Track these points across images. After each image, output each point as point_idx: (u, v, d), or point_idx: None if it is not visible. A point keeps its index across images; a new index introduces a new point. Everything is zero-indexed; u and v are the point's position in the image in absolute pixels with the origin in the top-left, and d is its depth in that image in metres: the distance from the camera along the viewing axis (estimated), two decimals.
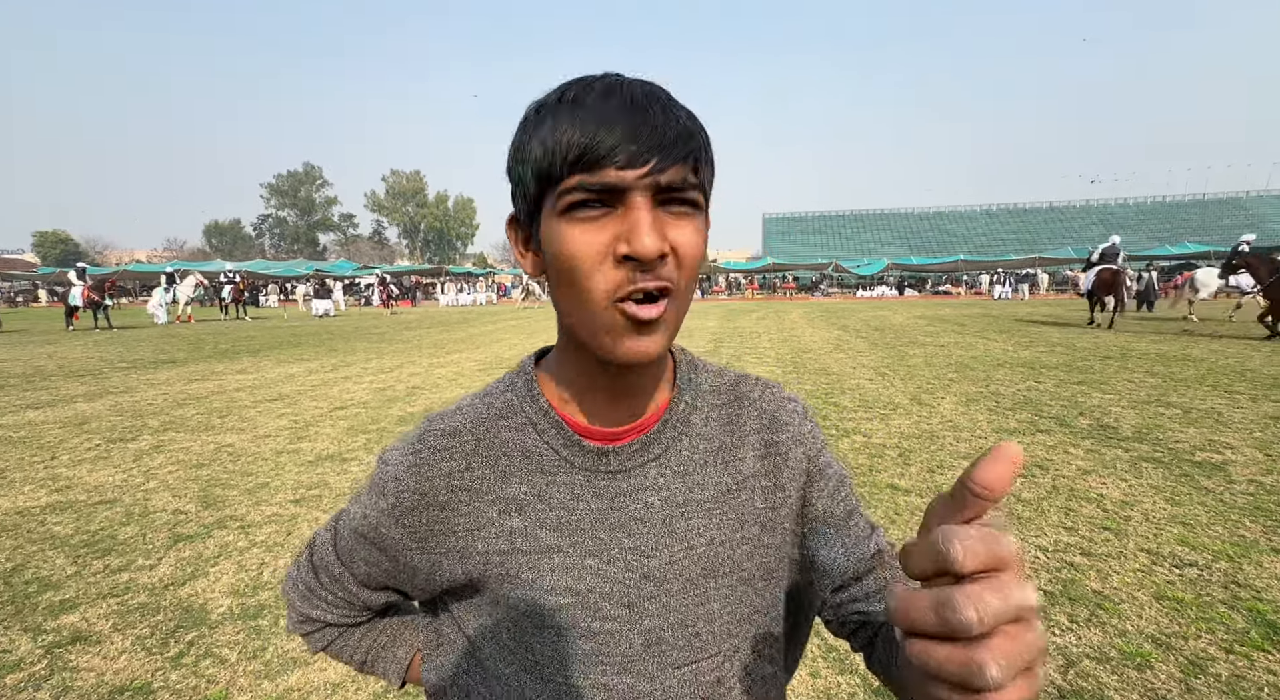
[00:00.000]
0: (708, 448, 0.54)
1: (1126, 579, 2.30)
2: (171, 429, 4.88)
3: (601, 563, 0.50)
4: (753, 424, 0.56)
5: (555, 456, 0.51)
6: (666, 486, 0.52)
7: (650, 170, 0.41)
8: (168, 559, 2.64)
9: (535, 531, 0.50)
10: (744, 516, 0.53)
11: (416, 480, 0.51)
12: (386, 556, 0.54)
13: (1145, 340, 9.70)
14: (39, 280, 40.10)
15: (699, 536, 0.52)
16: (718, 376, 0.58)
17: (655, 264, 0.42)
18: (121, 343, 12.00)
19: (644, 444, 0.52)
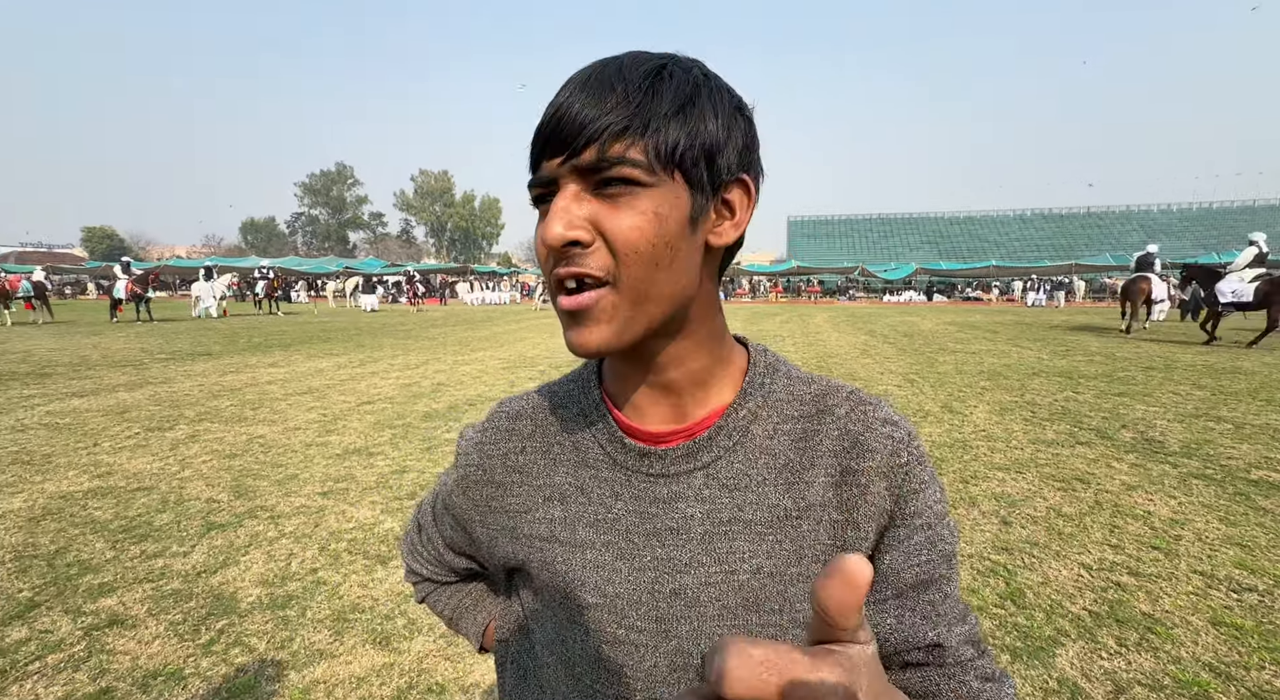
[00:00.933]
0: (769, 464, 0.48)
1: (1179, 602, 2.18)
2: (206, 419, 5.01)
3: (632, 568, 0.48)
4: (830, 444, 0.48)
5: (600, 451, 0.51)
6: (711, 500, 0.47)
7: (567, 156, 0.40)
8: (200, 547, 2.70)
9: (574, 523, 0.50)
10: (803, 549, 0.46)
11: (480, 456, 0.55)
12: (459, 525, 0.58)
13: (1190, 351, 9.29)
14: (87, 274, 41.86)
15: (743, 562, 0.46)
16: (803, 385, 0.51)
17: (570, 254, 0.41)
18: (161, 334, 12.42)
19: (690, 450, 0.48)
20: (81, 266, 45.77)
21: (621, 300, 0.41)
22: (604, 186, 0.40)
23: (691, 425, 0.49)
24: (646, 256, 0.41)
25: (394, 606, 2.24)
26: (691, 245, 0.43)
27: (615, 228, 0.40)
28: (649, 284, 0.42)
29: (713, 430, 0.48)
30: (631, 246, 0.40)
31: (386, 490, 3.41)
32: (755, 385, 0.50)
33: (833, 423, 0.48)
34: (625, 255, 0.40)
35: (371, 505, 3.19)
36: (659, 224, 0.41)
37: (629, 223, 0.40)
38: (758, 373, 0.51)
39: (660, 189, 0.41)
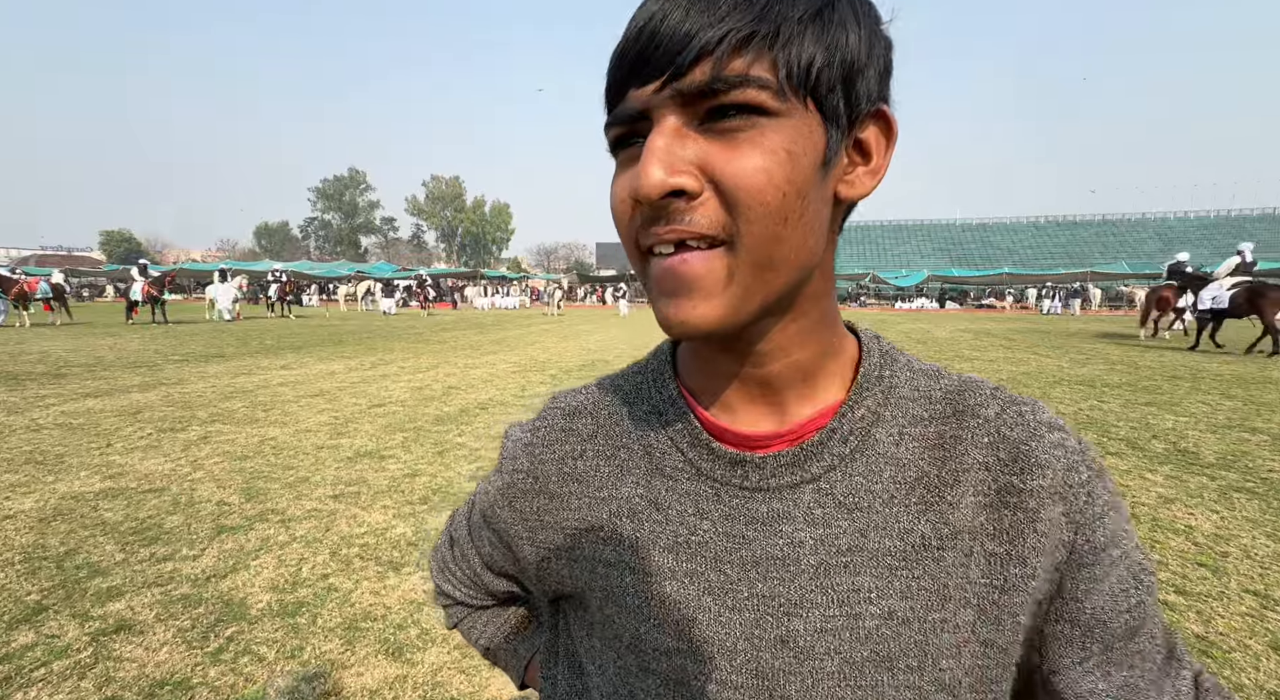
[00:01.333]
0: (898, 477, 0.37)
1: (1233, 624, 2.06)
2: (219, 421, 4.99)
3: (724, 607, 0.38)
4: (979, 455, 0.37)
5: (679, 457, 0.41)
6: (825, 522, 0.37)
7: (667, 78, 0.31)
8: (210, 550, 2.65)
9: (647, 546, 0.40)
10: (947, 590, 0.36)
11: (530, 461, 0.46)
12: (501, 541, 0.49)
13: (1216, 360, 9.07)
14: (105, 276, 42.51)
15: (870, 604, 0.36)
16: (929, 379, 0.41)
17: (669, 207, 0.32)
18: (175, 336, 12.52)
19: (797, 458, 0.38)
20: (99, 269, 46.51)
21: (739, 265, 0.32)
22: (717, 118, 0.31)
23: (796, 427, 0.39)
24: (774, 208, 0.31)
25: (407, 616, 2.17)
26: (821, 196, 0.34)
27: (736, 171, 0.31)
28: (775, 245, 0.32)
29: (824, 434, 0.38)
30: (756, 195, 0.31)
31: (398, 494, 3.35)
32: (872, 378, 0.40)
33: (980, 427, 0.38)
34: (748, 207, 0.31)
35: (383, 510, 3.13)
36: (791, 165, 0.31)
37: (753, 164, 0.31)
38: (873, 363, 0.41)
39: (791, 120, 0.31)
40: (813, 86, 0.31)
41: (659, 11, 0.31)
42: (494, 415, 5.31)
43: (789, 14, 0.30)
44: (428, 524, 2.95)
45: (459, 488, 3.45)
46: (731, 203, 0.31)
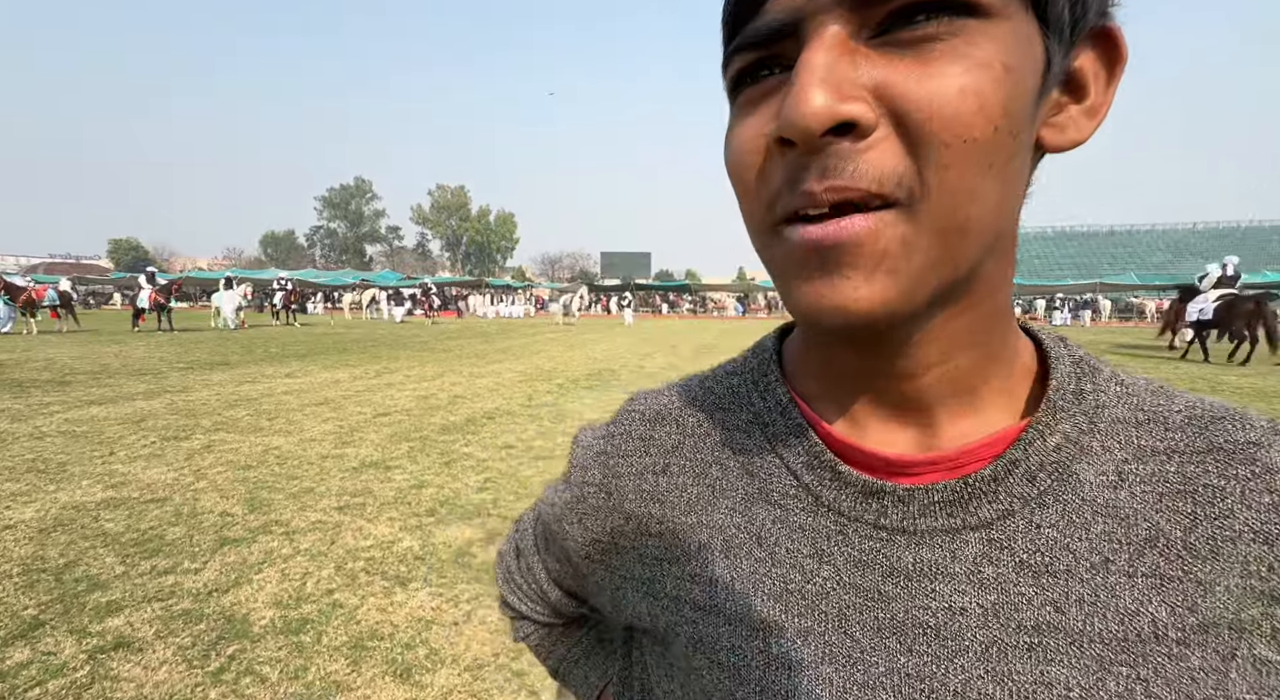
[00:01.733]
0: (1117, 535, 0.27)
1: None
2: (223, 429, 4.94)
3: (852, 682, 0.29)
4: (1254, 518, 0.26)
5: (791, 480, 0.33)
6: (999, 586, 0.28)
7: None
8: (213, 563, 2.58)
9: (746, 592, 0.32)
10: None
11: (603, 473, 0.38)
12: (569, 560, 0.42)
13: (1234, 373, 8.96)
14: (112, 284, 42.81)
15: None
16: (1155, 398, 0.30)
17: (831, 148, 0.23)
18: (180, 344, 12.53)
19: (958, 496, 0.29)
20: (107, 277, 46.86)
21: (919, 234, 0.24)
22: (903, 24, 0.23)
23: (954, 453, 0.29)
24: (983, 147, 0.23)
25: (414, 634, 2.10)
26: (1031, 137, 0.26)
27: (931, 93, 0.22)
28: (970, 201, 0.24)
29: (1000, 466, 0.29)
30: (962, 127, 0.23)
31: (404, 506, 3.28)
32: (1069, 394, 0.30)
33: (1256, 479, 0.27)
34: (946, 145, 0.23)
35: (389, 522, 3.06)
36: (1010, 85, 0.23)
37: (959, 83, 0.22)
38: (1066, 375, 0.30)
39: (1008, 24, 0.23)
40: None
41: None
42: (500, 425, 5.25)
43: None
44: (435, 537, 2.88)
45: (466, 499, 3.38)
46: (920, 140, 0.23)
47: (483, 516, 3.15)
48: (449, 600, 2.31)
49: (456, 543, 2.83)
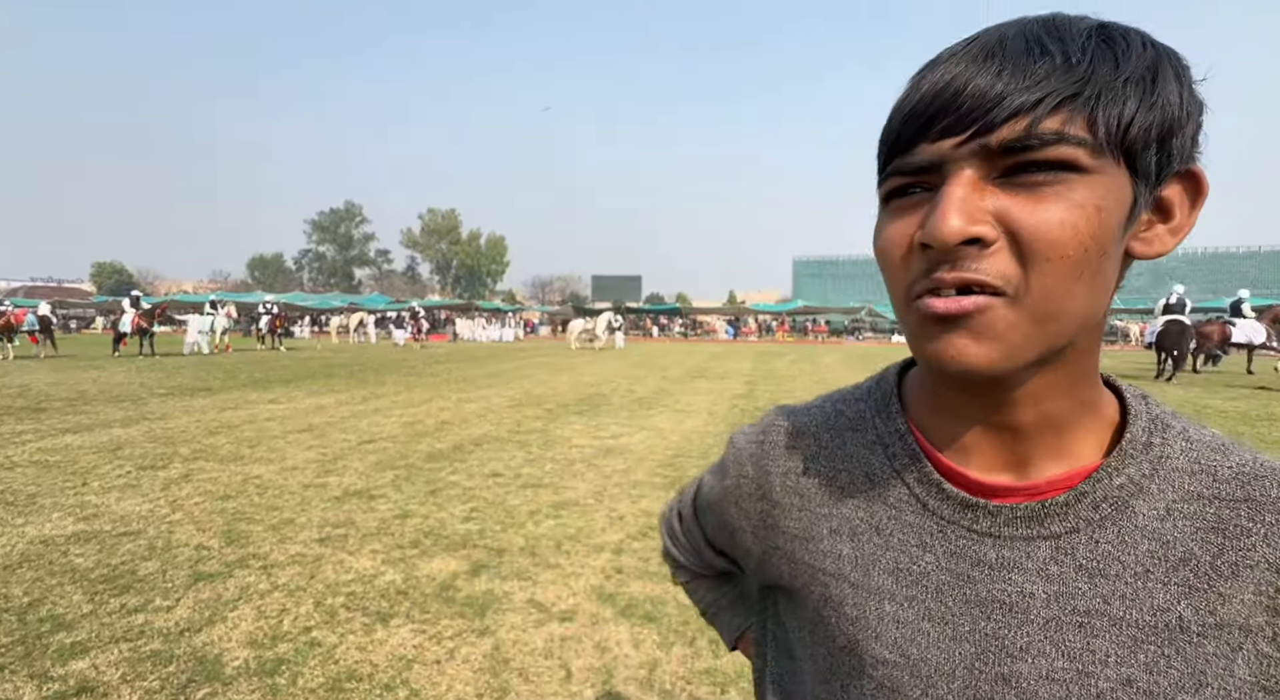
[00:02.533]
0: (1158, 554, 0.36)
1: None
2: (202, 457, 4.82)
3: (945, 636, 0.39)
4: (1268, 553, 0.34)
5: (904, 489, 0.43)
6: (1061, 580, 0.37)
7: (971, 135, 0.32)
8: (186, 600, 2.48)
9: (867, 565, 0.43)
10: (1205, 677, 0.34)
11: (755, 469, 0.51)
12: (727, 529, 0.55)
13: (1218, 396, 9.11)
14: (94, 308, 42.21)
15: (1106, 667, 0.35)
16: (1214, 454, 0.37)
17: (960, 253, 0.33)
18: (162, 369, 12.31)
19: (1035, 514, 0.38)
20: (89, 301, 46.22)
21: (1020, 317, 0.33)
22: (1020, 172, 0.32)
23: (1040, 483, 0.39)
24: (1074, 262, 0.32)
25: (395, 674, 2.02)
26: (1118, 252, 0.35)
27: (1039, 223, 0.32)
28: (1063, 299, 0.33)
29: (1071, 495, 0.38)
30: (1059, 248, 0.32)
31: (388, 537, 3.20)
32: (1139, 445, 0.38)
33: (1276, 520, 0.35)
34: (1045, 260, 0.32)
35: (372, 554, 2.98)
36: (1099, 220, 0.32)
37: (1059, 217, 0.32)
38: (1140, 428, 0.39)
39: (1102, 177, 0.32)
40: (1129, 145, 0.32)
41: (962, 73, 0.33)
42: (488, 451, 5.17)
43: (1113, 76, 0.31)
44: (419, 570, 2.80)
45: (451, 530, 3.31)
46: (1027, 253, 0.32)
47: (468, 548, 3.08)
48: (431, 637, 2.24)
49: (440, 575, 2.75)
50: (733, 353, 22.18)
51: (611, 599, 2.55)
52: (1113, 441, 0.39)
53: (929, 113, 0.33)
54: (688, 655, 2.14)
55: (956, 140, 0.33)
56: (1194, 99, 0.34)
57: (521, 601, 2.53)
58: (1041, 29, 0.33)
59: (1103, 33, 0.33)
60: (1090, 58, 0.31)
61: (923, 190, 0.35)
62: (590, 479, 4.36)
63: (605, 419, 6.89)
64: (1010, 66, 0.32)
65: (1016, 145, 0.31)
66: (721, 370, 13.96)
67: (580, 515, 3.58)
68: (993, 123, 0.31)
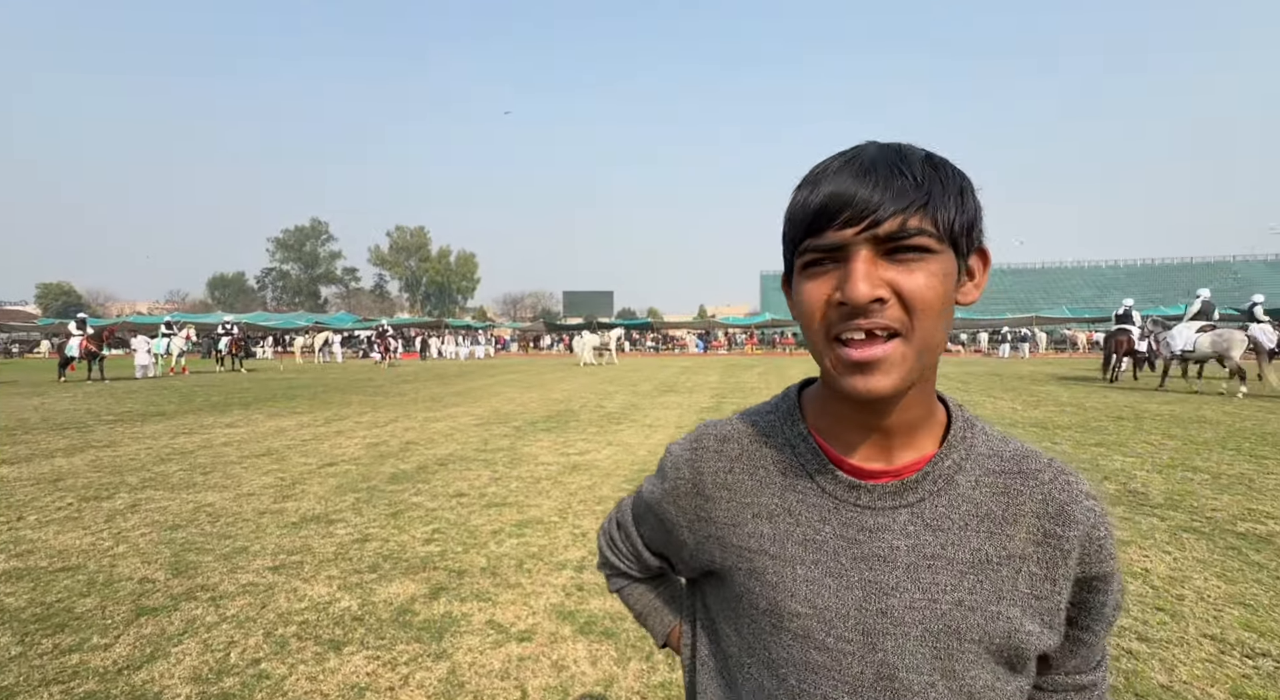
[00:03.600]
0: (971, 511, 0.53)
1: (1195, 671, 2.06)
2: (151, 486, 4.63)
3: (841, 585, 0.53)
4: (1033, 506, 0.53)
5: (808, 479, 0.57)
6: (915, 536, 0.53)
7: (867, 226, 0.47)
8: (126, 637, 2.38)
9: (782, 540, 0.56)
10: (1001, 592, 0.52)
11: (691, 471, 0.62)
12: (663, 527, 0.66)
13: (1154, 401, 9.57)
14: (40, 331, 40.16)
15: (945, 593, 0.52)
16: (999, 443, 0.57)
17: (871, 309, 0.47)
18: (112, 394, 11.79)
19: (897, 490, 0.54)
20: (33, 324, 43.96)
21: (910, 350, 0.48)
22: (897, 253, 0.47)
23: (899, 467, 0.55)
24: (935, 312, 0.48)
25: None
26: (951, 303, 0.50)
27: (912, 287, 0.47)
28: (932, 335, 0.49)
29: (919, 475, 0.54)
30: (926, 302, 0.47)
31: (345, 562, 3.13)
32: (959, 439, 0.56)
33: (1037, 486, 0.54)
34: (920, 311, 0.47)
35: (328, 580, 2.90)
36: (944, 284, 0.48)
37: (925, 282, 0.47)
38: (959, 427, 0.56)
39: (942, 255, 0.48)
40: (953, 235, 0.49)
41: (851, 184, 0.47)
42: (453, 471, 5.10)
43: (942, 191, 0.48)
44: (376, 595, 2.74)
45: (412, 552, 3.25)
46: (910, 307, 0.47)
47: (428, 570, 3.03)
48: (386, 664, 2.20)
49: (398, 599, 2.70)
50: (703, 366, 22.35)
51: (571, 616, 2.54)
52: (943, 436, 0.56)
53: (832, 210, 0.48)
54: (644, 670, 2.15)
55: (855, 230, 0.47)
56: (979, 204, 0.52)
57: (480, 623, 2.50)
58: (895, 156, 0.49)
59: (930, 161, 0.49)
60: (927, 179, 0.48)
61: (831, 263, 0.49)
62: (555, 496, 4.34)
63: (573, 435, 6.87)
64: (883, 183, 0.47)
65: (896, 235, 0.47)
66: (691, 384, 14.05)
67: (544, 533, 3.56)
68: (879, 220, 0.46)
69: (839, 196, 0.47)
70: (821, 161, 0.52)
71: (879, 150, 0.50)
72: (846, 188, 0.47)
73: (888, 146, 0.50)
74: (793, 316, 0.55)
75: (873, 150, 0.50)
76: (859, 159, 0.49)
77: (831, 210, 0.48)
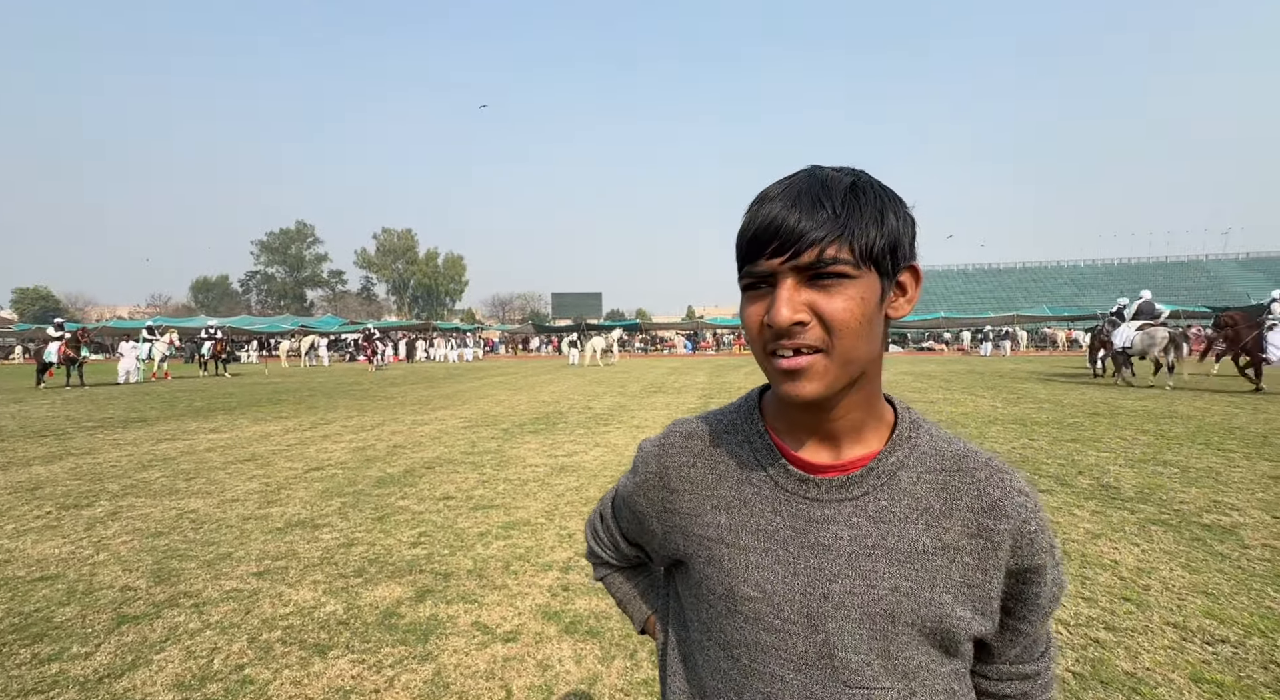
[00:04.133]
0: (911, 505, 0.58)
1: (1158, 658, 2.14)
2: (132, 494, 4.58)
3: (788, 572, 0.58)
4: (968, 501, 0.57)
5: (763, 472, 0.62)
6: (858, 527, 0.58)
7: (787, 258, 0.52)
8: (107, 645, 2.37)
9: (738, 530, 0.61)
10: (935, 580, 0.56)
11: (658, 466, 0.67)
12: (636, 518, 0.71)
13: (1130, 397, 9.79)
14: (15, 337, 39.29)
15: (883, 580, 0.56)
16: (944, 442, 0.61)
17: (793, 330, 0.52)
18: (92, 400, 11.59)
19: (843, 484, 0.59)
20: (9, 329, 43.02)
21: (831, 364, 0.53)
22: (818, 279, 0.52)
23: (846, 463, 0.59)
24: (854, 330, 0.52)
25: None
26: (879, 318, 0.55)
27: (830, 310, 0.52)
28: (853, 351, 0.53)
29: (864, 471, 0.59)
30: (843, 324, 0.52)
31: (331, 567, 3.13)
32: (903, 438, 0.60)
33: (973, 483, 0.58)
34: (838, 331, 0.52)
35: (313, 585, 2.90)
36: (863, 305, 0.53)
37: (841, 306, 0.52)
38: (904, 427, 0.61)
39: (862, 279, 0.53)
40: (875, 258, 0.53)
41: (779, 216, 0.52)
42: (440, 474, 5.10)
43: (860, 220, 0.52)
44: (361, 599, 2.75)
45: (398, 556, 3.26)
46: (829, 327, 0.52)
47: (414, 573, 3.04)
48: (371, 666, 2.21)
49: (384, 603, 2.71)
50: (691, 367, 22.43)
51: (557, 616, 2.57)
52: (890, 435, 0.61)
53: (762, 240, 0.53)
54: (628, 667, 2.18)
55: (780, 260, 0.52)
56: (908, 220, 0.56)
57: (466, 624, 2.52)
58: (820, 188, 0.53)
59: (853, 190, 0.53)
60: (846, 209, 0.52)
61: (765, 286, 0.55)
62: (543, 498, 4.36)
63: (561, 437, 6.88)
64: (806, 214, 0.51)
65: (815, 264, 0.52)
66: (679, 384, 14.11)
67: (530, 535, 3.58)
68: (799, 251, 0.52)
69: (767, 228, 0.52)
70: (766, 188, 0.57)
71: (808, 181, 0.54)
72: (775, 218, 0.52)
73: (816, 177, 0.54)
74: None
75: (802, 181, 0.54)
76: (790, 190, 0.54)
77: (762, 241, 0.53)
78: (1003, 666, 0.61)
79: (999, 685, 0.62)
